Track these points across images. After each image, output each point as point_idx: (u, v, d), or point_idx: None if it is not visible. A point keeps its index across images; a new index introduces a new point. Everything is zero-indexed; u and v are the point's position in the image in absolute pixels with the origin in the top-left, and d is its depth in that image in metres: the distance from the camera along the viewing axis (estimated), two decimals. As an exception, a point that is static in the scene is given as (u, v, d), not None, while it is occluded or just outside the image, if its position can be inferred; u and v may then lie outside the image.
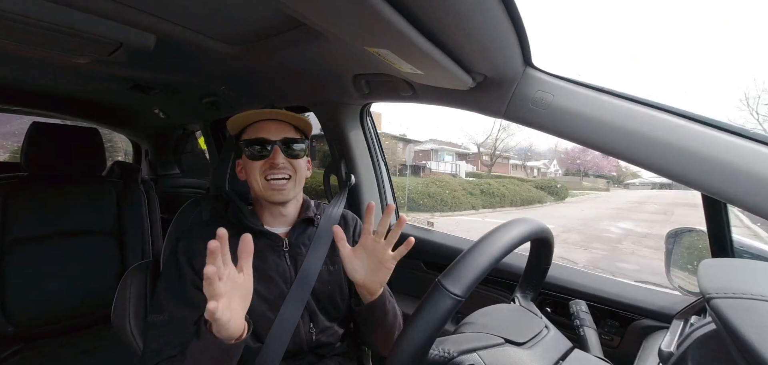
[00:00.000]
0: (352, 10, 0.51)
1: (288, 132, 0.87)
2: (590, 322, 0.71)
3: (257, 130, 0.86)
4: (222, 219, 0.90)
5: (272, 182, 0.84)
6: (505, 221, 0.58)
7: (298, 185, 0.88)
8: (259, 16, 0.83)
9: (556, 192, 13.87)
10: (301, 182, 0.89)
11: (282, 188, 0.84)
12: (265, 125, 0.86)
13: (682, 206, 12.07)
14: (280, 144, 0.84)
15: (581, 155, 19.70)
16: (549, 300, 1.04)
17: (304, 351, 0.84)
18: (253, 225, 0.85)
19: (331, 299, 0.89)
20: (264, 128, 0.86)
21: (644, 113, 0.69)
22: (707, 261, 0.47)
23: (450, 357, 0.53)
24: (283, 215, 0.90)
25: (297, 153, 0.87)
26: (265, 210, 0.89)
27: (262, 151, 0.84)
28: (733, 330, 0.35)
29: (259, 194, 0.86)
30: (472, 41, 0.64)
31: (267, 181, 0.84)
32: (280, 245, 0.87)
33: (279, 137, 0.85)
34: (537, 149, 19.89)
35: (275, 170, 0.83)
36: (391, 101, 1.17)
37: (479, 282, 0.50)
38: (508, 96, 0.82)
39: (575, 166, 20.98)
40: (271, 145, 0.84)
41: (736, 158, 0.60)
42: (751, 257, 0.76)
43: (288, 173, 0.85)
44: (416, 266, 1.33)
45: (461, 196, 9.98)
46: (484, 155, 19.95)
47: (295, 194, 0.88)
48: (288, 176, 0.85)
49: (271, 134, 0.85)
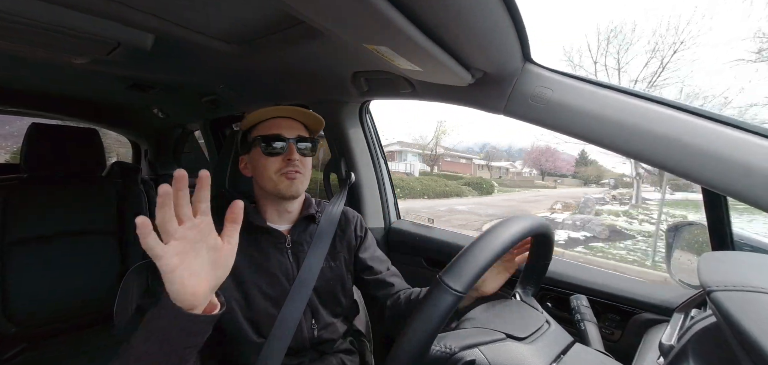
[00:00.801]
0: (351, 7, 0.50)
1: (301, 130, 0.89)
2: (591, 316, 0.72)
3: (271, 126, 0.87)
4: (224, 215, 0.90)
5: (287, 172, 0.85)
6: (505, 218, 0.58)
7: (306, 182, 0.90)
8: (257, 15, 0.83)
9: (481, 188, 15.71)
10: (308, 179, 0.91)
11: (293, 178, 0.85)
12: (279, 122, 0.87)
13: (568, 198, 13.88)
14: (294, 142, 0.86)
15: (540, 157, 20.77)
16: (550, 295, 1.04)
17: (306, 348, 0.84)
18: (256, 222, 0.85)
19: (333, 295, 0.90)
20: (279, 125, 0.87)
21: (644, 108, 0.68)
22: (707, 254, 0.47)
23: (452, 353, 0.53)
24: (288, 211, 0.90)
25: (307, 152, 0.89)
26: (269, 207, 0.90)
27: (278, 147, 0.85)
28: (733, 323, 0.35)
29: (270, 190, 0.86)
30: (470, 37, 0.63)
31: (282, 174, 0.85)
32: (283, 242, 0.88)
33: (294, 134, 0.87)
34: (517, 147, 20.72)
35: (290, 166, 0.85)
36: (390, 98, 1.16)
37: (480, 278, 0.50)
38: (507, 92, 0.82)
39: (538, 166, 22.02)
40: (286, 142, 0.85)
41: (735, 151, 0.60)
42: (751, 250, 0.76)
43: (298, 169, 0.86)
44: (417, 263, 1.34)
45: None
46: (446, 155, 21.44)
47: (303, 189, 0.89)
48: (298, 171, 0.86)
49: (286, 132, 0.86)
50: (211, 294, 0.54)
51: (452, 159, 22.12)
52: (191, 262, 0.49)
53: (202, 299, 0.52)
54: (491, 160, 24.25)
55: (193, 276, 0.50)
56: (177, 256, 0.48)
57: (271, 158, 0.85)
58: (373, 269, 0.96)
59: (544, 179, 21.35)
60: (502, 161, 25.02)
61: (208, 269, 0.52)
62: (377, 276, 0.95)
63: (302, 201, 0.95)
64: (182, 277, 0.49)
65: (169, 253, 0.47)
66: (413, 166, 19.53)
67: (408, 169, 19.16)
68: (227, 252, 0.54)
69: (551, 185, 20.33)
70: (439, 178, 16.01)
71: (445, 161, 21.52)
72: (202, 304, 0.52)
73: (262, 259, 0.83)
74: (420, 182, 14.08)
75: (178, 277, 0.48)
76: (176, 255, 0.48)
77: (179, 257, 0.48)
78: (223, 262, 0.54)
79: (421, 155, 20.05)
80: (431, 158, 19.75)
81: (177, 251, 0.48)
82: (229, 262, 0.55)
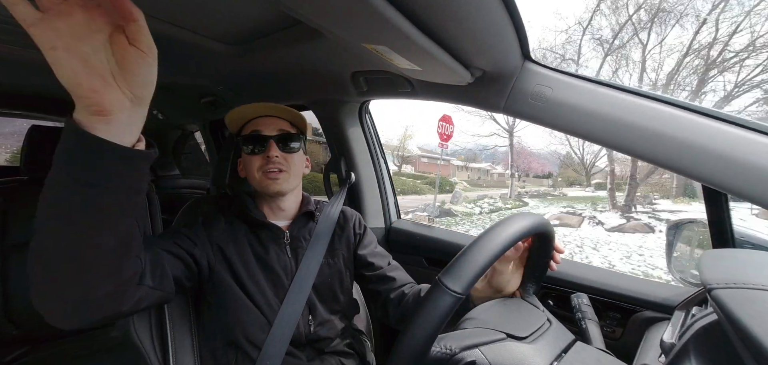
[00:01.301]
0: (349, 7, 0.50)
1: (284, 126, 0.90)
2: (592, 315, 0.71)
3: (253, 126, 0.89)
4: (227, 212, 0.91)
5: (267, 172, 0.86)
6: (505, 217, 0.58)
7: (294, 178, 0.90)
8: (256, 15, 0.83)
9: (442, 187, 16.93)
10: (297, 176, 0.91)
11: (275, 178, 0.86)
12: (261, 121, 0.89)
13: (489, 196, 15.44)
14: (275, 139, 0.87)
15: (517, 159, 21.75)
16: (551, 294, 1.04)
17: (302, 344, 0.85)
18: (256, 217, 0.87)
19: (332, 291, 0.91)
20: (260, 124, 0.88)
21: (644, 105, 0.68)
22: (708, 252, 0.47)
23: (452, 354, 0.53)
24: (281, 209, 0.92)
25: (292, 148, 0.89)
26: (264, 204, 0.92)
27: (258, 146, 0.87)
28: (734, 320, 0.35)
29: (257, 188, 0.89)
30: (469, 36, 0.63)
31: (263, 174, 0.86)
32: (282, 237, 0.89)
33: (274, 132, 0.88)
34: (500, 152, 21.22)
35: (270, 164, 0.86)
36: (389, 97, 1.16)
37: (479, 279, 0.50)
38: (506, 91, 0.82)
39: (515, 167, 22.97)
40: (266, 140, 0.86)
41: (735, 148, 0.59)
42: (752, 248, 0.76)
43: (281, 167, 0.87)
44: (418, 263, 1.34)
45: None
46: (422, 157, 22.67)
47: (290, 187, 0.90)
48: (281, 169, 0.87)
49: (266, 129, 0.88)
50: (130, 110, 0.45)
51: (429, 160, 22.68)
52: (77, 45, 0.41)
53: (108, 103, 0.43)
54: (470, 161, 24.85)
55: (86, 65, 0.41)
56: (53, 31, 0.39)
57: (253, 157, 0.87)
58: (373, 265, 0.96)
59: (520, 179, 21.68)
60: (482, 162, 25.60)
61: (110, 67, 0.43)
62: (378, 271, 0.96)
63: (298, 199, 0.96)
64: (70, 62, 0.40)
65: (43, 23, 0.39)
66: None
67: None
68: (137, 56, 0.44)
69: (520, 185, 20.75)
70: (400, 177, 18.02)
71: (421, 161, 22.48)
72: (114, 113, 0.44)
73: (262, 253, 0.85)
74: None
75: (64, 59, 0.40)
76: (53, 30, 0.39)
77: (57, 33, 0.39)
78: (135, 67, 0.44)
79: (392, 155, 20.99)
80: (401, 159, 20.94)
81: (54, 26, 0.39)
82: (144, 72, 0.45)
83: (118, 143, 0.45)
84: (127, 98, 0.45)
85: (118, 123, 0.45)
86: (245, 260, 0.83)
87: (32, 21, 0.39)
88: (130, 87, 0.45)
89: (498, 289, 0.74)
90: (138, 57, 0.44)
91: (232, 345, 0.81)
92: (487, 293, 0.75)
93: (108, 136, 0.44)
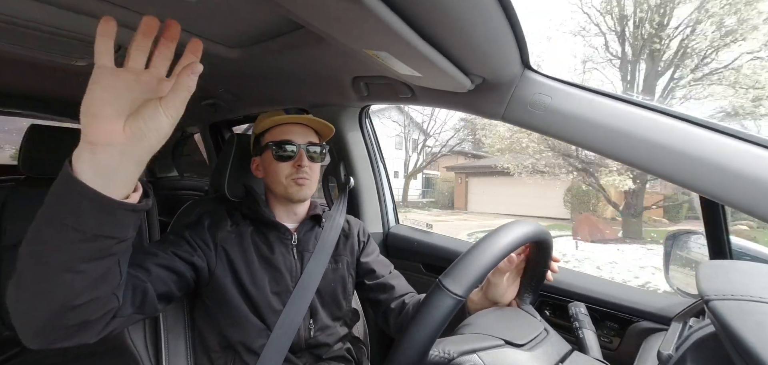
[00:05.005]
0: (351, 13, 0.51)
1: (312, 136, 0.93)
2: (589, 324, 0.71)
3: (284, 132, 0.90)
4: (237, 211, 0.92)
5: (297, 178, 0.88)
6: (506, 223, 0.59)
7: (314, 185, 0.93)
8: (258, 20, 0.83)
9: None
10: (316, 184, 0.94)
11: (303, 185, 0.88)
12: (291, 128, 0.91)
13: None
14: (304, 148, 0.89)
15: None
16: (548, 303, 1.04)
17: (301, 349, 0.84)
18: (266, 216, 0.89)
19: (334, 297, 0.91)
20: (291, 131, 0.90)
21: (642, 116, 0.69)
22: (706, 263, 0.47)
23: (450, 358, 0.53)
24: (295, 213, 0.94)
25: (316, 158, 0.92)
26: (278, 206, 0.93)
27: (289, 153, 0.88)
28: (731, 332, 0.35)
29: (280, 193, 0.90)
30: (470, 44, 0.64)
31: (292, 179, 0.88)
32: (289, 238, 0.90)
33: (304, 141, 0.90)
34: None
35: (301, 172, 0.88)
36: (390, 102, 1.17)
37: (479, 283, 0.50)
38: (506, 99, 0.82)
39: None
40: (297, 147, 0.88)
41: (732, 160, 0.60)
42: (749, 259, 0.76)
43: (309, 176, 0.90)
44: (415, 269, 1.33)
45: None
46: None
47: (311, 193, 0.93)
48: (309, 178, 0.90)
49: (297, 138, 0.90)
50: (124, 146, 0.43)
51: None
52: (120, 89, 0.43)
53: (111, 134, 0.42)
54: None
55: (112, 101, 0.42)
56: (112, 73, 0.42)
57: (282, 162, 0.88)
58: (375, 273, 0.97)
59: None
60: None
61: (130, 108, 0.44)
62: (380, 279, 0.96)
63: (309, 203, 0.98)
64: (102, 95, 0.42)
65: (110, 73, 0.42)
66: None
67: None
68: (156, 109, 0.44)
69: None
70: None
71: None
72: (114, 140, 0.43)
73: (269, 252, 0.86)
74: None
75: (97, 93, 0.42)
76: (111, 73, 0.42)
77: (112, 74, 0.43)
78: (148, 115, 0.44)
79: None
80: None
81: (114, 72, 0.43)
82: (155, 125, 0.45)
83: (103, 186, 0.42)
84: (125, 133, 0.43)
85: (108, 157, 0.43)
86: (248, 261, 0.83)
87: (105, 59, 0.42)
88: (131, 125, 0.44)
89: (494, 301, 0.75)
90: (157, 111, 0.45)
91: (228, 351, 0.80)
92: (483, 305, 0.75)
93: (93, 167, 0.42)
